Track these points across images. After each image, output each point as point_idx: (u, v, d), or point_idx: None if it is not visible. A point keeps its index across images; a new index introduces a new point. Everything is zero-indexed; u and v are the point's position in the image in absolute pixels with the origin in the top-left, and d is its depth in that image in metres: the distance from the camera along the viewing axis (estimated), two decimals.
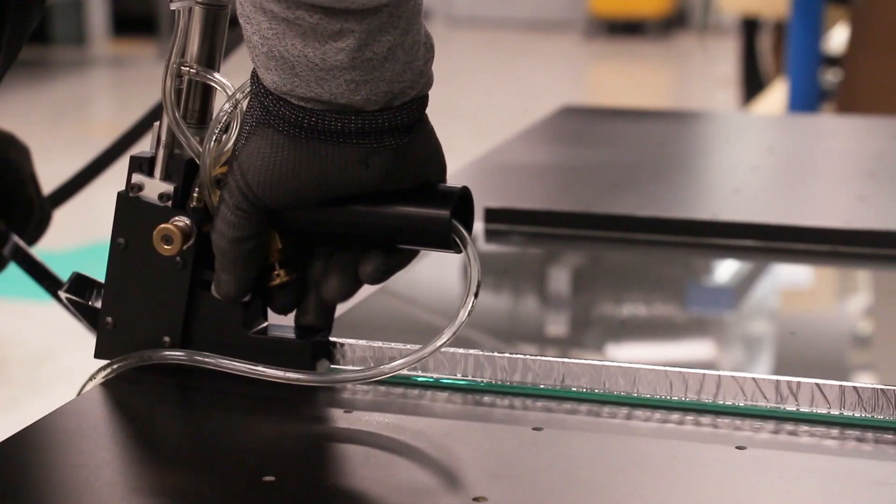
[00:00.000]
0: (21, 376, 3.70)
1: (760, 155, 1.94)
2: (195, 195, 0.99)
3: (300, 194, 0.93)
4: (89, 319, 1.06)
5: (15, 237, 1.35)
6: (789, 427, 0.93)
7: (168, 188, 0.99)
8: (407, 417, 0.96)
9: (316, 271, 0.99)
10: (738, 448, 0.90)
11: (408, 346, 0.98)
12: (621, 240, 1.43)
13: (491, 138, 2.44)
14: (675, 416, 0.95)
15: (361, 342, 1.00)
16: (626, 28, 10.95)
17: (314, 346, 1.00)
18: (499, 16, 11.38)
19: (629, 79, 9.42)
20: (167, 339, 1.01)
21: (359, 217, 0.95)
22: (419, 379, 1.00)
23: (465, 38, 10.76)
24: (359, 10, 0.86)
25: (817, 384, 0.94)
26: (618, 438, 0.93)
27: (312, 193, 0.92)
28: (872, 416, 0.93)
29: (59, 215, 1.44)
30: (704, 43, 9.29)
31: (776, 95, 4.59)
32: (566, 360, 0.99)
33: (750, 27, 5.70)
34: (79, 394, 0.98)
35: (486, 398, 0.99)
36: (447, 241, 0.95)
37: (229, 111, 0.97)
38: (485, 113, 7.47)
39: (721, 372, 0.96)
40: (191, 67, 0.98)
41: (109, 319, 1.02)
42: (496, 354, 1.00)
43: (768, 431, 0.93)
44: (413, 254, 0.99)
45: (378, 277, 0.98)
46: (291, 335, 1.00)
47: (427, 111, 0.94)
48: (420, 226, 0.95)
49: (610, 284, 1.42)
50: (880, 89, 4.09)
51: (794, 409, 0.95)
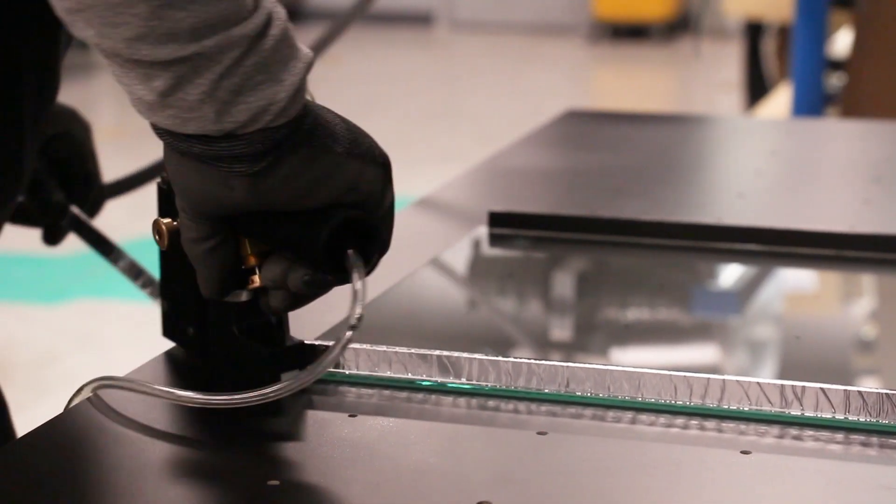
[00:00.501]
0: (25, 380, 3.70)
1: (764, 159, 1.94)
2: None
3: (200, 206, 0.93)
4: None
5: (74, 208, 1.36)
6: (794, 431, 0.93)
7: None
8: (411, 422, 0.96)
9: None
10: (743, 452, 0.90)
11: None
12: (625, 244, 1.43)
13: (495, 142, 2.44)
14: (680, 421, 0.95)
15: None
16: (630, 32, 10.94)
17: (273, 355, 0.99)
18: (502, 20, 11.36)
19: (633, 83, 9.42)
20: (190, 331, 1.04)
21: (259, 230, 0.94)
22: (424, 383, 1.00)
23: (468, 43, 10.76)
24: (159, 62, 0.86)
25: (822, 389, 0.94)
26: (622, 443, 0.93)
27: (207, 205, 0.92)
28: (877, 421, 0.93)
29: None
30: (699, 48, 9.28)
31: (780, 99, 4.59)
32: (570, 365, 0.99)
33: (754, 31, 5.70)
34: (70, 401, 0.99)
35: (491, 402, 0.99)
36: (321, 264, 0.92)
37: None
38: (489, 117, 7.46)
39: (726, 376, 0.96)
40: None
41: (165, 303, 1.07)
42: (500, 358, 1.00)
43: (773, 436, 0.93)
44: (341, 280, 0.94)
45: (301, 287, 0.94)
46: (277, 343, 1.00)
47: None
48: (295, 244, 0.93)
49: (614, 288, 1.42)
50: (885, 93, 4.09)
51: (799, 414, 0.94)
